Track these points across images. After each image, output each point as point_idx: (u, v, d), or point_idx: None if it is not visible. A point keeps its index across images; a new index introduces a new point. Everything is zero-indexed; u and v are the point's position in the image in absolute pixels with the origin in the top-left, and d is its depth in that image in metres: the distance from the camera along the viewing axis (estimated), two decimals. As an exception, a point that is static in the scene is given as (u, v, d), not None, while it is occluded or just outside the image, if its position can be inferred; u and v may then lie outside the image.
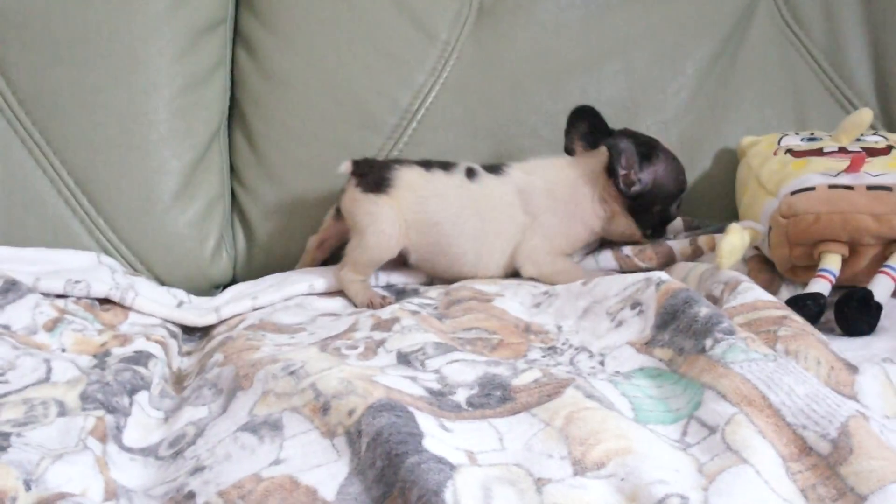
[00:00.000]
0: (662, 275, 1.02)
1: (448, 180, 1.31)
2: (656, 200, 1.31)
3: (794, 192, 1.24)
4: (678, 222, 1.38)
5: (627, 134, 1.32)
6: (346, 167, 1.33)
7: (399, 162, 1.34)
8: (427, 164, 1.33)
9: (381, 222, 1.29)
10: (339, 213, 1.38)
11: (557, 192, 1.31)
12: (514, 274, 1.31)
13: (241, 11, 1.58)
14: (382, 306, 1.22)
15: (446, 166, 1.33)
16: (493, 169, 1.34)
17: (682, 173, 1.34)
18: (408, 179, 1.30)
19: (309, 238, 1.47)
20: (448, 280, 1.31)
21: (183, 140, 1.47)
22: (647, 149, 1.30)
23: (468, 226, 1.29)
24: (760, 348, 0.81)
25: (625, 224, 1.32)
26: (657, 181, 1.30)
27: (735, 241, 1.17)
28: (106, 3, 1.44)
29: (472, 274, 1.30)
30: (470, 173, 1.32)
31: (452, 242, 1.29)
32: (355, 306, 1.28)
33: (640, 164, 1.28)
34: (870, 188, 1.19)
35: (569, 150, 1.38)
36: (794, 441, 0.70)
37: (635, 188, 1.28)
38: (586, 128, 1.35)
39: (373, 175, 1.31)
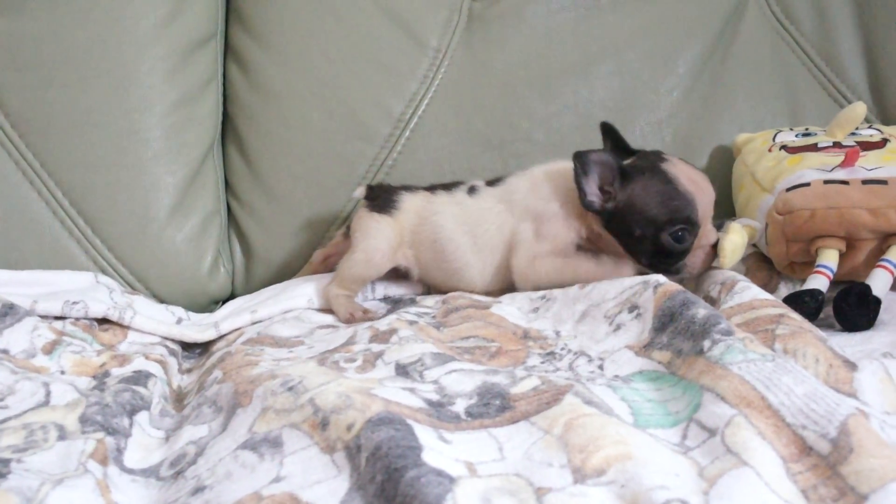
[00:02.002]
0: (660, 277, 1.02)
1: (448, 199, 1.32)
2: (635, 224, 1.17)
3: (789, 189, 1.24)
4: (696, 262, 1.19)
5: (648, 152, 1.24)
6: (360, 192, 1.38)
7: (408, 188, 1.36)
8: (433, 188, 1.36)
9: (376, 238, 1.31)
10: (348, 231, 1.39)
11: (530, 200, 1.27)
12: (514, 288, 1.29)
13: (232, 26, 1.59)
14: (363, 320, 1.23)
15: (450, 187, 1.34)
16: (494, 182, 1.33)
17: (679, 200, 1.15)
18: (412, 203, 1.33)
19: (315, 251, 1.47)
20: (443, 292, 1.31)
21: (177, 157, 1.48)
22: (636, 168, 1.19)
23: (464, 240, 1.29)
24: (758, 349, 0.81)
25: (613, 245, 1.22)
26: (632, 201, 1.17)
27: (736, 239, 1.16)
28: (96, 23, 1.44)
29: (473, 288, 1.30)
30: (472, 190, 1.32)
31: (452, 258, 1.30)
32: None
33: (619, 180, 1.18)
34: (865, 182, 1.19)
35: None
36: (793, 441, 0.70)
37: (609, 205, 1.18)
38: (611, 145, 1.27)
39: (382, 198, 1.35)
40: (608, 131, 1.27)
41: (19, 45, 1.43)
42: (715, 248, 1.18)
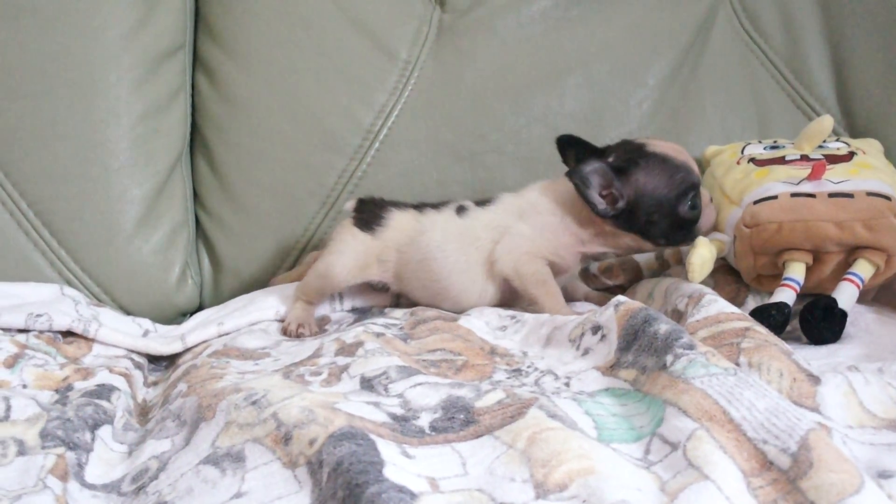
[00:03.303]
0: (620, 297, 1.02)
1: (437, 217, 1.31)
2: (652, 210, 1.21)
3: (756, 202, 1.24)
4: (709, 215, 1.26)
5: (619, 145, 1.26)
6: (350, 205, 1.35)
7: (398, 205, 1.34)
8: (421, 207, 1.34)
9: (343, 254, 1.31)
10: None
11: (544, 206, 1.27)
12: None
13: (200, 37, 1.58)
14: (296, 336, 1.25)
15: (439, 206, 1.33)
16: (484, 202, 1.32)
17: (681, 171, 1.21)
18: (399, 221, 1.31)
19: (311, 252, 1.47)
20: (412, 303, 1.31)
21: (144, 168, 1.47)
22: (625, 161, 1.21)
23: (451, 259, 1.27)
24: (721, 362, 0.81)
25: (628, 240, 1.25)
26: (641, 192, 1.20)
27: (704, 253, 1.17)
28: (62, 33, 1.43)
29: (458, 305, 1.28)
30: (460, 210, 1.31)
31: (439, 277, 1.28)
32: None
33: (617, 180, 1.20)
34: (832, 195, 1.20)
35: None
36: (754, 456, 0.70)
37: (619, 205, 1.20)
38: (574, 155, 1.28)
39: (368, 213, 1.33)
40: (568, 144, 1.29)
41: (-16, 56, 1.42)
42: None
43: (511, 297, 1.29)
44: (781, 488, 0.67)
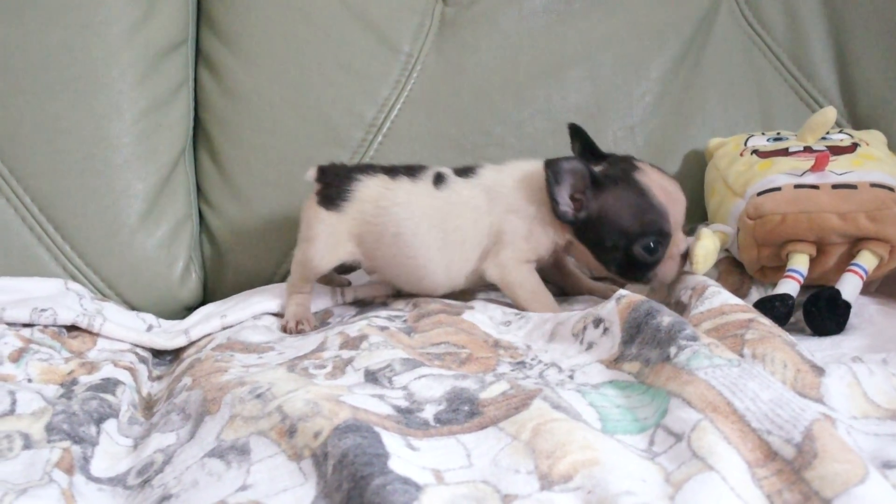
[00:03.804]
0: (622, 291, 1.01)
1: (412, 188, 1.25)
2: (606, 235, 1.16)
3: (760, 193, 1.24)
4: (667, 271, 1.17)
5: (617, 158, 1.21)
6: (311, 174, 1.30)
7: (364, 170, 1.28)
8: (393, 171, 1.28)
9: (316, 241, 1.27)
10: None
11: (517, 199, 1.22)
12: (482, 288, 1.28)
13: (203, 31, 1.58)
14: (296, 332, 1.24)
15: (413, 172, 1.27)
16: (465, 172, 1.27)
17: (652, 212, 1.14)
18: (368, 191, 1.26)
19: None
20: (411, 293, 1.29)
21: (147, 163, 1.47)
22: (606, 175, 1.16)
23: (430, 236, 1.23)
24: (724, 354, 0.81)
25: (582, 253, 1.21)
26: (605, 212, 1.15)
27: (709, 245, 1.16)
28: (64, 28, 1.43)
29: (435, 288, 1.25)
30: (438, 179, 1.25)
31: (415, 254, 1.23)
32: None
33: (591, 189, 1.15)
34: (835, 187, 1.20)
35: None
36: (759, 446, 0.70)
37: (581, 214, 1.16)
38: (578, 147, 1.25)
39: (334, 187, 1.27)
40: (576, 132, 1.25)
41: (-14, 52, 1.42)
42: (685, 257, 1.17)
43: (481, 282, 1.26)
44: (786, 479, 0.67)
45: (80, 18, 1.44)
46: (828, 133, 1.39)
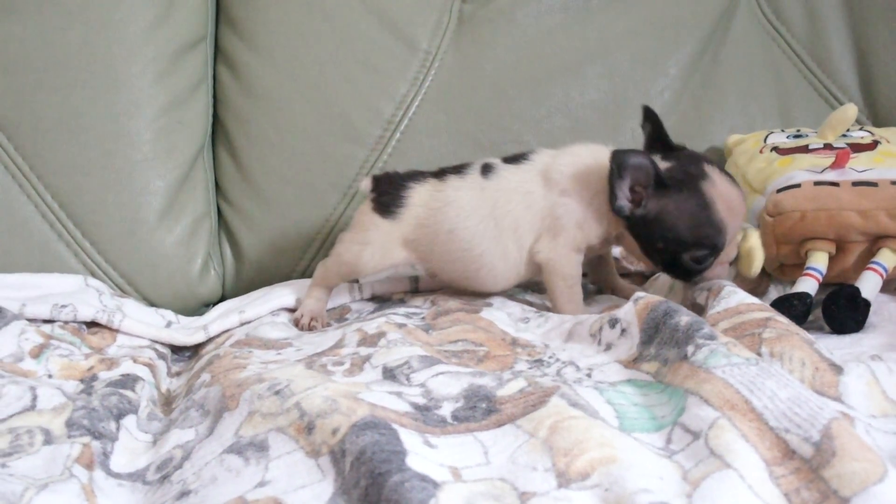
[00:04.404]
0: (640, 293, 1.01)
1: (460, 183, 1.24)
2: (659, 238, 1.13)
3: (780, 190, 1.24)
4: (715, 275, 1.15)
5: (688, 154, 1.18)
6: (366, 184, 1.30)
7: (414, 177, 1.28)
8: (441, 174, 1.27)
9: (369, 245, 1.27)
10: None
11: (579, 178, 1.18)
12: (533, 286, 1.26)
13: (222, 28, 1.59)
14: (308, 329, 1.24)
15: (460, 169, 1.26)
16: (515, 159, 1.25)
17: (711, 227, 1.10)
18: (419, 196, 1.26)
19: None
20: (465, 291, 1.27)
21: (166, 160, 1.48)
22: (672, 177, 1.12)
23: (483, 225, 1.21)
24: (742, 352, 0.81)
25: (631, 246, 1.19)
26: (662, 216, 1.12)
27: (758, 244, 1.16)
28: (85, 26, 1.44)
29: (495, 279, 1.24)
30: (485, 169, 1.24)
31: (469, 246, 1.22)
32: None
33: (654, 188, 1.12)
34: (855, 184, 1.19)
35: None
36: (776, 445, 0.70)
37: (638, 211, 1.13)
38: (650, 131, 1.21)
39: (388, 195, 1.27)
40: (649, 116, 1.21)
41: (7, 47, 1.43)
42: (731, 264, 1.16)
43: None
44: (804, 477, 0.67)
45: (100, 16, 1.45)
46: (848, 130, 1.38)
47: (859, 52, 1.60)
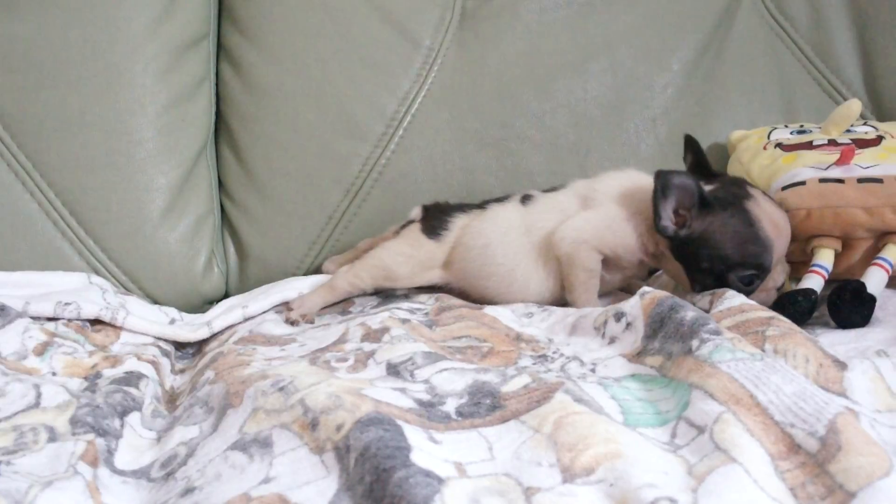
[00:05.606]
0: (646, 287, 1.01)
1: (500, 208, 1.30)
2: (704, 258, 1.13)
3: (785, 188, 1.23)
4: (763, 300, 1.11)
5: (731, 180, 1.20)
6: (416, 213, 1.36)
7: (461, 208, 1.34)
8: (485, 205, 1.33)
9: (411, 259, 1.31)
10: (400, 230, 1.37)
11: (619, 200, 1.21)
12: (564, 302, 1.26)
13: (224, 26, 1.59)
14: (292, 324, 1.26)
15: (502, 199, 1.32)
16: (554, 188, 1.30)
17: (758, 246, 1.11)
18: (463, 222, 1.31)
19: (366, 239, 1.47)
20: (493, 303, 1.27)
21: (169, 157, 1.48)
22: (717, 198, 1.13)
23: (518, 242, 1.25)
24: (747, 348, 0.81)
25: (673, 267, 1.19)
26: (708, 235, 1.12)
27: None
28: (87, 23, 1.44)
29: (526, 292, 1.25)
30: (525, 198, 1.30)
31: (502, 260, 1.25)
32: None
33: (697, 208, 1.12)
34: (861, 181, 1.19)
35: None
36: (782, 439, 0.70)
37: (683, 232, 1.13)
38: (690, 160, 1.25)
39: (436, 220, 1.33)
40: (690, 144, 1.24)
41: (10, 46, 1.43)
42: (779, 289, 1.16)
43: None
44: (810, 471, 0.67)
45: (102, 14, 1.44)
46: (852, 125, 1.37)
47: (863, 47, 1.59)
